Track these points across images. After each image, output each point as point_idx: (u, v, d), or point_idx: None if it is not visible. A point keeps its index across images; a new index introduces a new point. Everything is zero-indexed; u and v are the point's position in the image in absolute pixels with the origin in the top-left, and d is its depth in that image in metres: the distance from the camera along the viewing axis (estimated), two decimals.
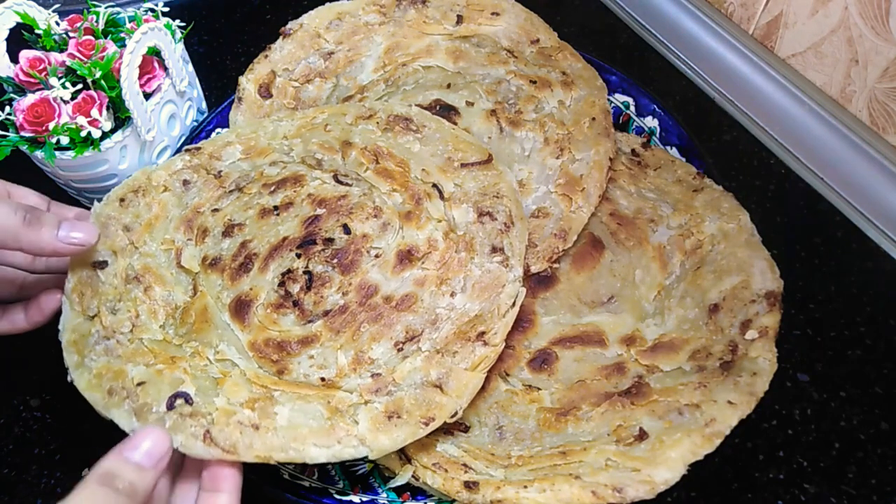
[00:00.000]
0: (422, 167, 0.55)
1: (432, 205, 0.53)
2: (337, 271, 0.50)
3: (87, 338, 0.48)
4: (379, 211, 0.53)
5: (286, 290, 0.50)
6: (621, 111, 0.69)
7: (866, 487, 0.52)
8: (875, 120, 0.66)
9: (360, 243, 0.51)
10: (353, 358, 0.47)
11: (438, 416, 0.44)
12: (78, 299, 0.49)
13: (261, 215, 0.54)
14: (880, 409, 0.56)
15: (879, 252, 0.66)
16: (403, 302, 0.49)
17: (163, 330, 0.50)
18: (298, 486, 0.48)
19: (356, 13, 0.70)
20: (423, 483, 0.46)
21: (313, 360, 0.47)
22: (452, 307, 0.49)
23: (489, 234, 0.51)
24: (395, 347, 0.47)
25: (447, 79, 0.66)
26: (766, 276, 0.51)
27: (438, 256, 0.51)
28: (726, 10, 0.78)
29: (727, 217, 0.56)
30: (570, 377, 0.51)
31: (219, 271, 0.52)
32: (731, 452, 0.53)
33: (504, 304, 0.48)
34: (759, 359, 0.47)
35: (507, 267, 0.50)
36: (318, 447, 0.42)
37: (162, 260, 0.53)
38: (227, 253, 0.53)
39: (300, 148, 0.59)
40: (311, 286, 0.50)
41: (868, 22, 0.63)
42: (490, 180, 0.54)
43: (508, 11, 0.70)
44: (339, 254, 0.51)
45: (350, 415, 0.44)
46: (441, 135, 0.57)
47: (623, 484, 0.42)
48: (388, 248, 0.51)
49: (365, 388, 0.45)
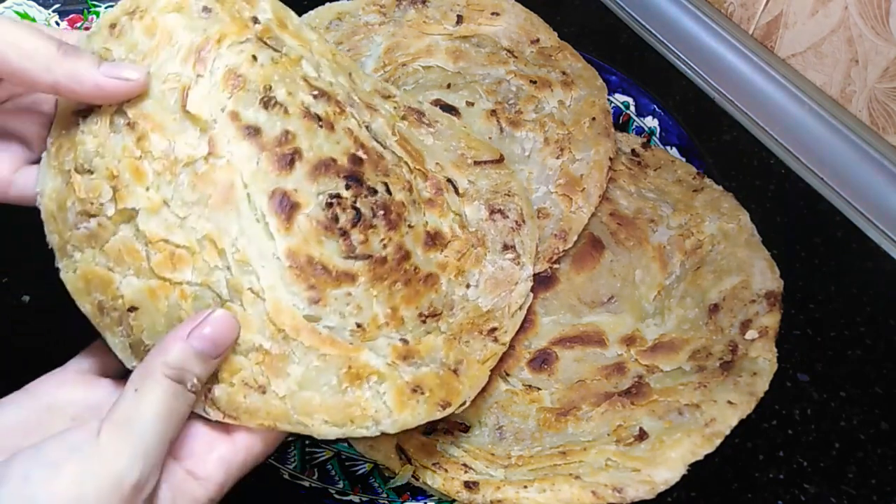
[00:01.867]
0: (436, 160, 0.53)
1: (450, 197, 0.52)
2: (382, 222, 0.45)
3: (66, 212, 0.39)
4: (411, 187, 0.48)
5: (334, 215, 0.42)
6: (621, 111, 0.69)
7: (866, 487, 0.52)
8: (875, 120, 0.66)
9: (400, 208, 0.46)
10: (388, 312, 0.43)
11: (454, 402, 0.43)
12: (55, 152, 0.40)
13: (304, 115, 0.43)
14: (880, 409, 0.56)
15: (879, 252, 0.66)
16: (428, 279, 0.47)
17: (152, 192, 0.39)
18: (298, 486, 0.48)
19: (356, 13, 0.70)
20: (423, 483, 0.46)
21: (350, 298, 0.42)
22: (467, 298, 0.48)
23: (501, 232, 0.51)
24: (419, 318, 0.45)
25: (447, 79, 0.66)
26: (766, 276, 0.51)
27: (459, 246, 0.49)
28: (726, 10, 0.78)
29: (727, 217, 0.56)
30: (570, 377, 0.51)
31: (257, 146, 0.41)
32: (731, 452, 0.53)
33: (515, 302, 0.48)
34: (759, 359, 0.47)
35: (518, 265, 0.50)
36: (329, 424, 0.39)
37: (163, 103, 0.40)
38: (269, 131, 0.41)
39: (328, 71, 0.48)
40: (359, 224, 0.43)
41: (868, 22, 0.63)
42: (502, 179, 0.54)
43: (508, 11, 0.70)
44: (384, 206, 0.45)
45: (371, 385, 0.40)
46: (453, 132, 0.56)
47: (623, 484, 0.42)
48: (418, 224, 0.48)
49: (396, 351, 0.42)
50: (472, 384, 0.45)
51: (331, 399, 0.39)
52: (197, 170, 0.39)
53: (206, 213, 0.39)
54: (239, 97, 0.41)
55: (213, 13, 0.42)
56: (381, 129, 0.49)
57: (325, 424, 0.38)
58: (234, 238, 0.39)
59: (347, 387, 0.40)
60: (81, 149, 0.39)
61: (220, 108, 0.40)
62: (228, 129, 0.40)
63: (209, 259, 0.38)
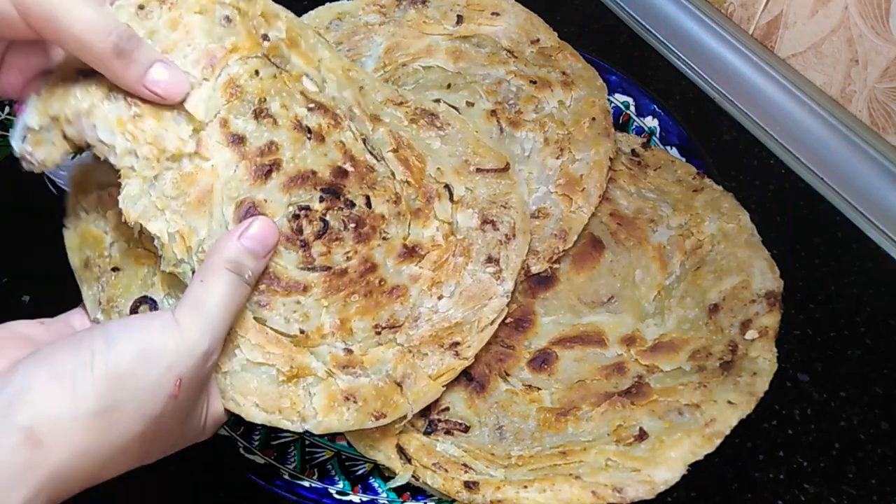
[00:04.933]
0: (437, 165, 0.54)
1: (441, 205, 0.52)
2: (351, 235, 0.47)
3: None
4: (398, 199, 0.50)
5: (299, 226, 0.45)
6: (621, 111, 0.69)
7: (866, 487, 0.52)
8: (875, 120, 0.66)
9: (376, 221, 0.49)
10: (337, 323, 0.46)
11: (390, 414, 0.44)
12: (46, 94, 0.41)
13: (294, 126, 0.46)
14: (880, 409, 0.56)
15: (879, 252, 0.66)
16: (394, 291, 0.48)
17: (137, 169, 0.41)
18: (298, 486, 0.48)
19: (356, 13, 0.70)
20: (423, 483, 0.46)
21: (299, 306, 0.45)
22: (436, 310, 0.48)
23: (488, 243, 0.51)
24: (374, 329, 0.47)
25: (447, 79, 0.66)
26: (766, 276, 0.51)
27: (436, 257, 0.50)
28: (726, 10, 0.78)
29: (727, 217, 0.56)
30: (570, 377, 0.51)
31: (239, 154, 0.44)
32: (731, 452, 0.53)
33: (486, 317, 0.48)
34: (759, 359, 0.47)
35: (498, 280, 0.50)
36: (259, 409, 0.42)
37: None
38: (254, 140, 0.44)
39: (333, 86, 0.51)
40: (324, 236, 0.46)
41: (868, 22, 0.63)
42: (502, 189, 0.54)
43: (508, 11, 0.69)
44: (357, 220, 0.48)
45: (305, 385, 0.43)
46: (463, 136, 0.56)
47: (623, 484, 0.42)
48: (395, 237, 0.49)
49: (336, 360, 0.45)
50: (417, 399, 0.46)
51: (266, 387, 0.42)
52: (182, 168, 0.42)
53: (181, 210, 0.42)
54: (233, 106, 0.44)
55: (232, 24, 0.45)
56: (380, 141, 0.52)
57: (255, 408, 0.42)
58: (201, 239, 0.42)
59: (284, 381, 0.43)
60: (73, 101, 0.40)
61: (215, 113, 0.43)
62: (216, 134, 0.43)
63: (178, 252, 0.41)
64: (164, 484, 0.53)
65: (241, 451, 0.50)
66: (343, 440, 0.51)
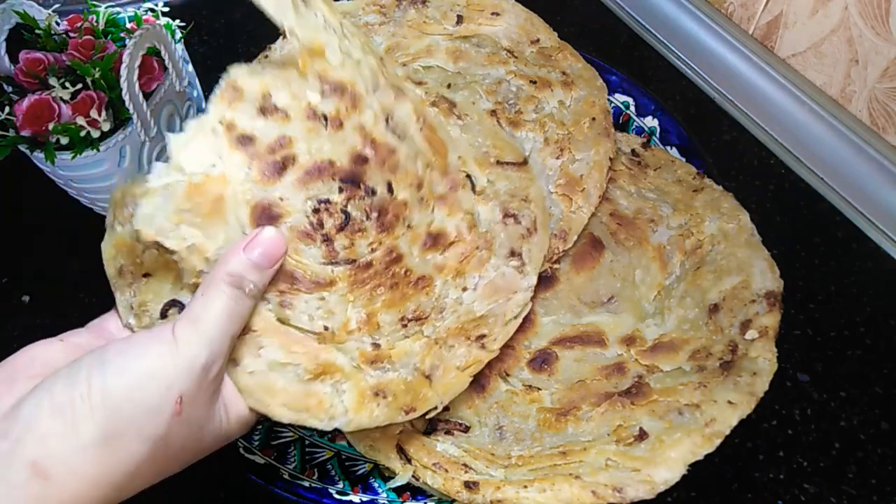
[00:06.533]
0: (458, 154, 0.52)
1: (465, 195, 0.51)
2: (374, 225, 0.45)
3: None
4: (420, 184, 0.48)
5: (320, 220, 0.44)
6: (621, 111, 0.69)
7: (866, 487, 0.52)
8: (875, 120, 0.66)
9: (399, 209, 0.47)
10: (363, 317, 0.45)
11: (420, 408, 0.44)
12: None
13: (308, 115, 0.44)
14: (880, 409, 0.56)
15: (879, 252, 0.66)
16: (420, 282, 0.47)
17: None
18: (298, 486, 0.48)
19: (356, 13, 0.70)
20: (423, 483, 0.46)
21: (323, 303, 0.43)
22: (461, 301, 0.48)
23: (510, 237, 0.51)
24: (400, 322, 0.46)
25: (447, 79, 0.66)
26: (766, 276, 0.51)
27: (462, 248, 0.49)
28: (726, 10, 0.78)
29: (727, 217, 0.56)
30: (571, 377, 0.51)
31: (249, 155, 0.42)
32: (731, 452, 0.53)
33: (511, 311, 0.48)
34: (759, 359, 0.47)
35: (522, 273, 0.49)
36: (286, 408, 0.41)
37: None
38: (264, 138, 0.43)
39: (358, 52, 0.47)
40: (346, 228, 0.45)
41: (868, 22, 0.63)
42: (521, 183, 0.53)
43: (508, 11, 0.69)
44: (380, 208, 0.46)
45: (333, 383, 0.42)
46: (482, 128, 0.55)
47: (623, 484, 0.42)
48: (419, 224, 0.48)
49: (364, 356, 0.44)
50: (446, 391, 0.45)
51: (293, 386, 0.41)
52: (193, 179, 0.41)
53: (196, 222, 0.40)
54: (235, 108, 0.43)
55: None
56: (404, 118, 0.48)
57: (283, 407, 0.41)
58: (219, 246, 0.41)
59: (311, 379, 0.42)
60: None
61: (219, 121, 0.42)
62: (223, 139, 0.42)
63: (196, 263, 0.40)
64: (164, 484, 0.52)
65: (241, 451, 0.50)
66: (343, 440, 0.51)
